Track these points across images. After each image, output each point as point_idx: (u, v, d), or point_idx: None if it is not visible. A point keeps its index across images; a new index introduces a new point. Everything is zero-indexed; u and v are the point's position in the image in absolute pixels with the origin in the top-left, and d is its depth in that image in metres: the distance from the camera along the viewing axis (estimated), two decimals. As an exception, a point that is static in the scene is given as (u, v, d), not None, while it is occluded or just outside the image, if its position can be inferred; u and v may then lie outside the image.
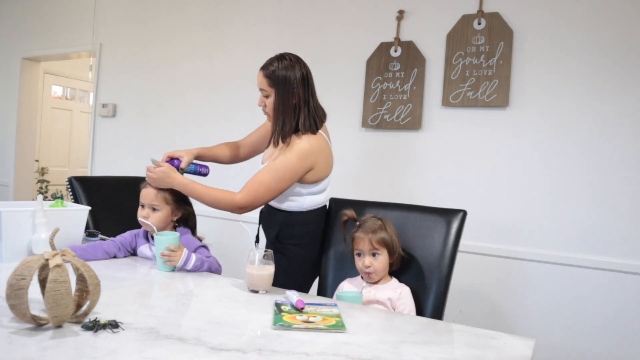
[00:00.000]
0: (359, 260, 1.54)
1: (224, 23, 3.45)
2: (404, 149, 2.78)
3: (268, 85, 1.66)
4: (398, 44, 2.79)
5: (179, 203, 1.71)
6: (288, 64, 1.66)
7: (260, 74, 1.67)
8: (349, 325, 1.15)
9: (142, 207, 1.69)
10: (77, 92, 6.31)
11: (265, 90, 1.67)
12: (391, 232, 1.54)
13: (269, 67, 1.66)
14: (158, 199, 1.67)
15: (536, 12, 2.48)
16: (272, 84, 1.66)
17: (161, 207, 1.67)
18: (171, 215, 1.70)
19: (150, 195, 1.67)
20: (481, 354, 1.04)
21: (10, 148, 4.65)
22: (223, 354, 0.93)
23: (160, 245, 1.54)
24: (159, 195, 1.67)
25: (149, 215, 1.66)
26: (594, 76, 2.36)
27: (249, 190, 1.64)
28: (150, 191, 1.68)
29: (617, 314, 2.28)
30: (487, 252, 2.55)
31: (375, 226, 1.53)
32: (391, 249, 1.52)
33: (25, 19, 4.63)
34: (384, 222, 1.56)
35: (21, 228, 1.53)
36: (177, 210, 1.71)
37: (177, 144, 3.55)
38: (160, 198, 1.67)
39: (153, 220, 1.65)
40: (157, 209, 1.67)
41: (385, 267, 1.52)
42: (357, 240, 1.54)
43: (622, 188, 2.30)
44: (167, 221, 1.70)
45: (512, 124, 2.52)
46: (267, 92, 1.67)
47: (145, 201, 1.68)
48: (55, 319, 0.97)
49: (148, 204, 1.67)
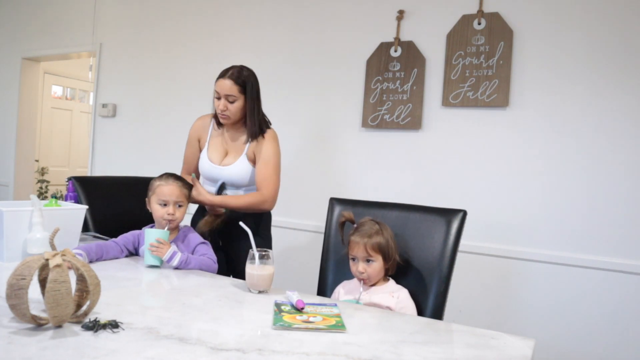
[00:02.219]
0: (353, 265, 1.53)
1: (224, 21, 3.45)
2: (404, 149, 2.78)
3: (238, 91, 1.90)
4: (398, 44, 2.79)
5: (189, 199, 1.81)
6: (251, 73, 1.95)
7: (229, 81, 1.89)
8: (349, 325, 1.15)
9: (164, 205, 1.70)
10: (77, 92, 6.32)
11: (233, 96, 1.90)
12: (388, 236, 1.52)
13: (237, 75, 1.90)
14: (182, 195, 1.73)
15: (536, 12, 2.48)
16: (242, 90, 1.91)
17: (184, 202, 1.74)
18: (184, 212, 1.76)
19: (176, 192, 1.72)
20: (481, 354, 1.04)
21: (10, 148, 4.65)
22: (223, 354, 0.93)
23: (150, 240, 1.59)
24: (182, 190, 1.73)
25: (175, 211, 1.70)
26: (593, 76, 2.36)
27: (267, 185, 1.92)
28: (174, 187, 1.72)
29: (617, 314, 2.28)
30: (487, 252, 2.55)
31: (372, 231, 1.51)
32: (386, 254, 1.50)
33: (25, 19, 4.63)
34: (381, 226, 1.54)
35: (22, 228, 1.53)
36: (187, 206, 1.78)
37: (177, 143, 3.55)
38: (183, 195, 1.73)
39: (179, 216, 1.71)
40: (182, 205, 1.73)
41: (379, 273, 1.51)
42: (352, 244, 1.53)
43: (622, 188, 2.30)
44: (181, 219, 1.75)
45: (512, 124, 2.52)
46: (236, 97, 1.90)
47: (171, 198, 1.70)
48: (55, 319, 0.97)
49: (174, 201, 1.71)
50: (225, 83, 1.89)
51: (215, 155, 2.01)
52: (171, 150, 3.59)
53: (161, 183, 1.73)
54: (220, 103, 1.91)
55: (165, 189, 1.71)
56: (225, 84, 1.89)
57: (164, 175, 1.77)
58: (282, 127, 2.03)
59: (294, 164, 3.02)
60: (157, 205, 1.70)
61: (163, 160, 3.64)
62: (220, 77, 1.92)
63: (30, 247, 1.52)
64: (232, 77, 1.90)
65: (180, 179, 1.77)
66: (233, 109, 1.92)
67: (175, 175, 1.79)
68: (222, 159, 2.00)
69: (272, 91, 3.03)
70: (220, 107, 1.91)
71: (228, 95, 1.89)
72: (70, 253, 1.04)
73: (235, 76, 1.90)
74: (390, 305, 1.47)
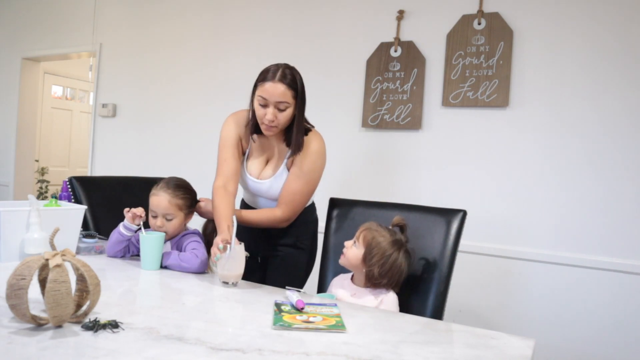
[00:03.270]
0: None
1: (224, 21, 3.45)
2: (404, 149, 2.78)
3: (292, 96, 1.59)
4: (398, 44, 2.79)
5: (191, 208, 1.68)
6: (298, 73, 1.64)
7: (281, 86, 1.56)
8: (349, 325, 1.15)
9: (155, 217, 1.63)
10: (77, 92, 6.31)
11: (286, 103, 1.58)
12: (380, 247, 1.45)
13: (291, 78, 1.59)
14: (172, 207, 1.60)
15: (536, 12, 2.48)
16: (295, 95, 1.60)
17: (175, 214, 1.62)
18: (184, 220, 1.68)
19: (163, 204, 1.60)
20: (481, 354, 1.03)
21: (10, 148, 4.65)
22: (223, 354, 0.93)
23: (145, 245, 1.54)
24: (172, 202, 1.61)
25: (164, 224, 1.62)
26: (593, 76, 2.36)
27: (286, 203, 1.67)
28: (162, 199, 1.60)
29: (617, 314, 2.28)
30: (487, 252, 2.55)
31: (377, 227, 1.51)
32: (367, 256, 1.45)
33: (25, 19, 4.63)
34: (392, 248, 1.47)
35: (20, 228, 1.53)
36: (189, 214, 1.69)
37: (177, 143, 3.56)
38: (174, 206, 1.61)
39: (168, 229, 1.61)
40: (171, 218, 1.61)
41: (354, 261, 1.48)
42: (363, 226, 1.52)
43: (622, 188, 2.30)
44: (182, 228, 1.67)
45: (512, 124, 2.52)
46: (289, 104, 1.58)
47: (158, 210, 1.61)
48: (55, 319, 0.97)
49: (161, 214, 1.61)
50: (278, 88, 1.55)
51: (254, 166, 1.74)
52: (171, 150, 3.59)
53: (153, 192, 1.63)
54: (268, 112, 1.57)
55: (154, 199, 1.61)
56: (277, 88, 1.55)
57: (162, 180, 1.68)
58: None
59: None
60: (151, 215, 1.64)
61: (163, 160, 3.64)
62: (269, 80, 1.57)
63: (28, 247, 1.52)
64: (286, 81, 1.56)
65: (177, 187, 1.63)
66: (283, 119, 1.59)
67: (174, 181, 1.67)
68: (262, 171, 1.74)
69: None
70: (269, 116, 1.57)
71: (280, 102, 1.56)
72: (70, 253, 1.04)
73: (290, 79, 1.58)
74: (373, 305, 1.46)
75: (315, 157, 1.67)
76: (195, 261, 1.55)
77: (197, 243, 1.63)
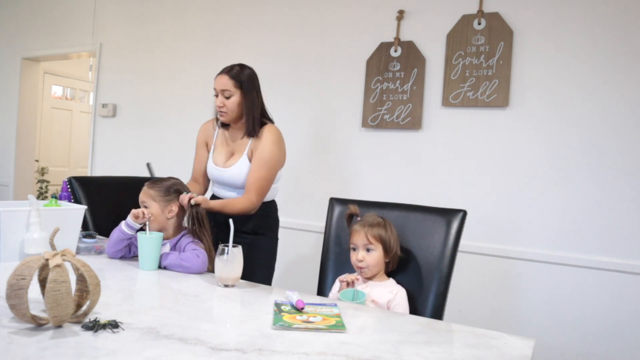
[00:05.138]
0: (353, 255, 1.54)
1: (224, 21, 3.45)
2: (404, 149, 2.78)
3: (233, 86, 1.90)
4: (398, 44, 2.79)
5: (168, 198, 1.70)
6: (247, 68, 1.95)
7: (224, 76, 1.91)
8: (349, 325, 1.15)
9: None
10: (77, 92, 6.32)
11: (229, 91, 1.90)
12: (390, 231, 1.53)
13: (232, 71, 1.92)
14: (145, 195, 1.71)
15: (536, 12, 2.48)
16: (237, 85, 1.90)
17: (149, 203, 1.69)
18: (164, 211, 1.68)
19: (141, 196, 1.72)
20: (481, 354, 1.04)
21: (10, 148, 4.65)
22: (223, 354, 0.93)
23: (143, 245, 1.56)
24: (146, 192, 1.71)
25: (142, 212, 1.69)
26: (594, 76, 2.36)
27: (255, 189, 1.89)
28: (142, 192, 1.72)
29: (617, 314, 2.28)
30: (487, 252, 2.55)
31: (374, 221, 1.53)
32: (387, 246, 1.51)
33: (25, 19, 4.63)
34: (385, 221, 1.55)
35: (19, 228, 1.53)
36: (168, 204, 1.69)
37: (177, 143, 3.55)
38: (147, 196, 1.70)
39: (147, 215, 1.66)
40: (147, 206, 1.70)
41: (378, 263, 1.51)
42: (353, 233, 1.54)
43: (622, 188, 2.29)
44: (161, 218, 1.68)
45: (512, 124, 2.52)
46: (231, 92, 1.90)
47: (140, 200, 1.72)
48: (55, 319, 0.97)
49: (141, 203, 1.72)
50: (222, 78, 1.92)
51: (220, 157, 2.01)
52: (171, 150, 3.59)
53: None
54: (218, 99, 1.93)
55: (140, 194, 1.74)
56: (222, 78, 1.92)
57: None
58: (281, 127, 2.02)
59: (294, 164, 3.02)
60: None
61: (163, 160, 3.63)
62: (217, 74, 1.95)
63: (28, 247, 1.52)
64: (230, 73, 1.92)
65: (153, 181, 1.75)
66: (230, 105, 1.92)
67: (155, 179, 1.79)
68: (227, 161, 2.00)
69: (272, 91, 3.01)
70: (218, 103, 1.93)
71: (224, 90, 1.91)
72: (70, 253, 1.04)
73: (234, 72, 1.92)
74: (387, 298, 1.46)
75: (271, 145, 1.92)
76: (197, 261, 1.57)
77: (197, 243, 1.66)
